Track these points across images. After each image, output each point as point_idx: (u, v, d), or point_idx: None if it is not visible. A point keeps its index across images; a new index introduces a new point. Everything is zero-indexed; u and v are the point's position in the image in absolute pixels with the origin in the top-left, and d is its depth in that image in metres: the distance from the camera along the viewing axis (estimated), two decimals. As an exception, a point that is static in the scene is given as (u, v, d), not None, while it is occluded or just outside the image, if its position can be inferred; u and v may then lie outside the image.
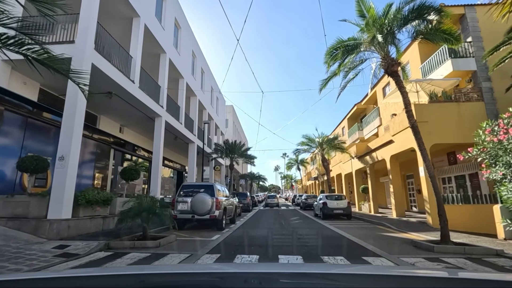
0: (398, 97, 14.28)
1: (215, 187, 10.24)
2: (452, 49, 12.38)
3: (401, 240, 8.24)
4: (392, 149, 14.19)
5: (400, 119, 13.09)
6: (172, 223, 7.57)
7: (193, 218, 9.62)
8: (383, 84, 20.03)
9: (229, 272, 1.26)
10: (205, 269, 1.48)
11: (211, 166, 25.07)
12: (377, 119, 20.78)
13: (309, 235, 9.53)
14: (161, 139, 13.57)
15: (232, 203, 12.63)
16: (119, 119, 14.32)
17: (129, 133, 15.86)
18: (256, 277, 1.04)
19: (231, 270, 1.34)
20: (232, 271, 1.28)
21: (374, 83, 10.65)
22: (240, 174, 40.58)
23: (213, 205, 9.66)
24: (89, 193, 7.86)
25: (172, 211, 9.78)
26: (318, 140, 20.61)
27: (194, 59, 20.21)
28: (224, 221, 10.48)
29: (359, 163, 19.92)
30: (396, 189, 14.29)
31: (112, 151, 14.19)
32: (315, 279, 1.08)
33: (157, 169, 13.19)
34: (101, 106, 12.31)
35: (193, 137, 19.31)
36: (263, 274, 1.12)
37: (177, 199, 9.95)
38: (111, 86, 10.22)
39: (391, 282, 1.03)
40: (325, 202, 15.27)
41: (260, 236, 9.15)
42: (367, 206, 18.29)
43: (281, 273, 1.16)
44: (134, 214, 6.97)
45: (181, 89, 16.93)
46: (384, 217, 14.45)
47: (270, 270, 1.23)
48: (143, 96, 12.04)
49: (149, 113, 13.29)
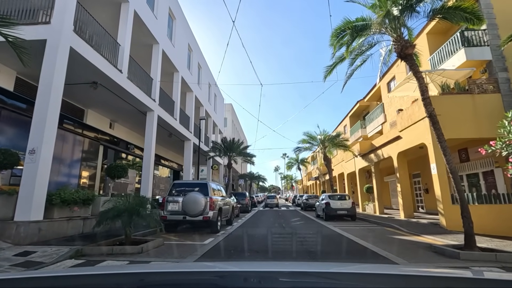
0: (406, 89, 13.47)
1: (209, 185, 9.36)
2: (465, 38, 11.53)
3: (417, 244, 7.35)
4: (400, 146, 13.31)
5: (409, 113, 12.23)
6: (158, 225, 6.69)
7: (185, 219, 8.74)
8: (387, 79, 19.17)
9: (229, 271, 1.27)
10: (205, 268, 1.49)
11: (209, 165, 24.18)
12: (381, 116, 19.91)
13: (312, 238, 8.65)
14: (153, 135, 12.69)
15: (229, 203, 11.74)
16: (108, 114, 13.44)
17: (120, 129, 14.97)
18: (255, 276, 1.04)
19: (231, 269, 1.36)
20: (232, 270, 1.31)
21: (383, 71, 9.75)
22: (239, 174, 39.68)
23: (206, 205, 8.77)
24: (66, 192, 6.98)
25: (162, 212, 8.92)
26: (319, 137, 19.70)
27: (190, 53, 19.35)
28: (219, 222, 9.60)
29: (362, 162, 19.04)
30: (404, 188, 13.41)
31: (101, 148, 13.31)
32: (315, 277, 1.08)
33: (149, 166, 12.30)
34: (88, 99, 11.44)
35: (189, 134, 18.43)
36: (262, 273, 1.12)
37: (168, 198, 9.07)
38: (96, 75, 9.35)
39: (392, 281, 1.02)
40: (328, 203, 14.39)
41: (259, 240, 8.27)
42: (371, 206, 17.40)
43: (281, 272, 1.16)
44: (113, 215, 6.10)
45: (176, 82, 16.05)
46: (391, 218, 13.56)
47: (270, 269, 1.24)
48: (133, 88, 11.16)
49: (140, 107, 12.42)
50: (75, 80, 9.62)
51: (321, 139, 19.58)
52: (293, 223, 13.30)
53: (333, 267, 1.43)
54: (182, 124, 17.36)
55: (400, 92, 13.52)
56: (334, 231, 10.04)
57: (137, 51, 13.08)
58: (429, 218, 12.86)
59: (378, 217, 14.29)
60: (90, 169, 12.48)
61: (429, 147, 10.69)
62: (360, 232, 9.63)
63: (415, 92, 13.57)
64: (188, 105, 19.21)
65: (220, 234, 9.12)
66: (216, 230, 9.19)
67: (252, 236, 9.04)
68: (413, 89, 13.31)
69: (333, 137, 19.58)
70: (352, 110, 26.56)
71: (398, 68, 17.32)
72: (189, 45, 18.76)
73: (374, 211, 16.90)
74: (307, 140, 19.79)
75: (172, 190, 9.31)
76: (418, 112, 11.41)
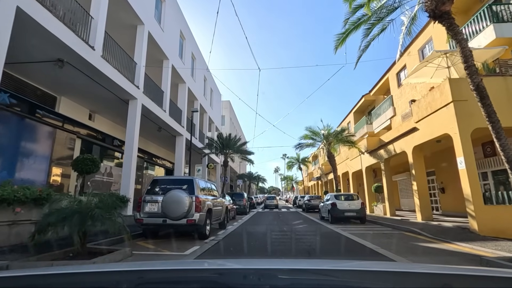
0: (423, 75, 11.91)
1: (196, 182, 7.80)
2: (494, 13, 10.02)
3: (458, 256, 5.79)
4: (416, 139, 11.76)
5: (428, 100, 10.69)
6: (123, 231, 5.14)
7: (165, 223, 7.17)
8: (397, 69, 17.65)
9: (228, 268, 1.27)
10: (204, 265, 1.49)
11: (204, 164, 22.60)
12: (390, 109, 18.38)
13: (321, 246, 7.08)
14: (135, 126, 11.15)
15: (221, 203, 10.18)
16: (87, 103, 11.89)
17: (102, 121, 13.43)
18: (255, 273, 1.03)
19: (230, 266, 1.35)
20: (231, 267, 1.31)
21: (405, 45, 8.23)
22: (237, 174, 38.10)
23: (191, 206, 7.21)
24: (5, 188, 5.42)
25: (138, 214, 7.37)
26: (323, 132, 18.10)
27: (183, 41, 17.84)
28: (208, 227, 8.05)
29: (370, 159, 17.49)
30: (421, 187, 11.84)
31: (78, 142, 11.77)
32: (314, 275, 1.09)
33: (130, 162, 10.77)
34: (59, 83, 9.91)
35: (181, 129, 16.90)
36: (262, 270, 1.10)
37: (145, 198, 7.52)
38: (61, 51, 7.83)
39: (391, 278, 1.01)
40: (334, 203, 12.83)
41: (256, 248, 6.70)
42: (380, 207, 15.83)
43: (280, 269, 1.15)
44: (57, 219, 4.54)
45: (166, 67, 14.55)
46: (406, 221, 12.00)
47: (269, 266, 1.22)
48: (111, 70, 9.64)
49: (121, 94, 10.90)
50: (37, 57, 8.11)
51: (325, 134, 17.99)
52: (296, 226, 11.73)
53: (332, 264, 1.42)
54: (173, 118, 15.84)
55: (415, 78, 12.00)
56: (345, 236, 8.49)
57: (119, 33, 11.60)
58: (450, 220, 11.29)
59: (390, 220, 12.72)
60: (63, 165, 10.91)
61: (455, 137, 9.14)
62: (376, 238, 8.08)
63: (432, 78, 12.10)
64: (181, 98, 17.69)
65: (208, 240, 7.57)
66: (204, 236, 7.64)
67: (248, 242, 7.49)
68: (431, 75, 11.82)
69: (338, 132, 18.00)
70: (357, 105, 25.04)
71: (410, 56, 15.81)
72: (181, 32, 17.25)
73: (384, 213, 15.32)
74: (309, 135, 18.19)
75: (151, 188, 7.76)
76: (440, 99, 9.88)
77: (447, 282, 0.96)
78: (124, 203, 9.89)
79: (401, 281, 0.99)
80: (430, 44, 14.14)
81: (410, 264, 3.52)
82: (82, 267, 1.31)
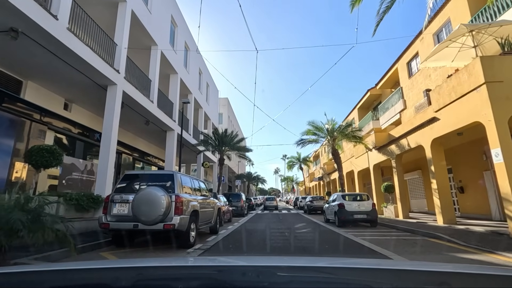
0: (443, 58, 10.40)
1: (178, 178, 6.33)
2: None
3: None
4: (435, 130, 10.30)
5: (452, 84, 9.25)
6: (67, 242, 3.69)
7: (136, 228, 5.70)
8: (408, 58, 16.22)
9: (228, 265, 1.27)
10: (203, 262, 1.51)
11: (199, 163, 21.14)
12: (399, 102, 16.95)
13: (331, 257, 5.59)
14: (114, 115, 9.72)
15: (213, 205, 8.72)
16: (60, 90, 10.43)
17: (80, 112, 11.97)
18: (254, 270, 1.04)
19: (230, 263, 1.36)
20: (230, 264, 1.31)
21: (436, 8, 6.79)
22: (236, 174, 36.62)
23: (170, 208, 5.75)
24: None
25: (103, 217, 5.90)
26: (327, 127, 16.61)
27: (174, 28, 16.42)
28: (194, 232, 6.58)
29: (378, 156, 16.04)
30: (442, 186, 10.37)
31: (50, 135, 10.32)
32: (312, 272, 1.09)
33: (107, 156, 9.33)
34: (24, 64, 8.49)
35: (172, 123, 15.47)
36: (260, 267, 1.11)
37: (113, 197, 6.05)
38: (14, 18, 6.40)
39: (388, 275, 1.01)
40: (342, 204, 11.37)
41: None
42: (391, 209, 14.36)
43: (279, 267, 1.14)
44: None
45: (154, 49, 13.13)
46: (424, 224, 10.53)
47: (268, 264, 1.23)
48: (81, 47, 8.21)
49: (97, 78, 9.48)
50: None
51: (329, 130, 16.50)
52: (299, 230, 10.27)
53: (330, 261, 1.43)
54: (164, 111, 14.41)
55: (434, 61, 10.57)
56: (361, 244, 7.02)
57: (96, 10, 10.21)
58: (476, 224, 9.83)
59: (405, 223, 11.23)
60: (31, 160, 9.43)
61: (489, 126, 7.69)
62: (400, 247, 6.63)
63: (454, 61, 10.64)
64: (172, 90, 16.27)
65: (193, 250, 6.12)
66: (187, 244, 6.18)
67: (243, 251, 6.04)
68: (452, 57, 10.34)
69: (343, 127, 16.51)
70: (362, 100, 23.62)
71: (423, 42, 14.39)
72: (172, 17, 15.84)
73: (396, 215, 13.85)
74: (312, 131, 16.68)
75: (122, 184, 6.29)
76: (467, 81, 8.44)
77: (445, 280, 0.94)
78: (97, 204, 8.46)
79: (400, 278, 0.98)
80: (447, 27, 12.72)
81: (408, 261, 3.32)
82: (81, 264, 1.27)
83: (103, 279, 0.99)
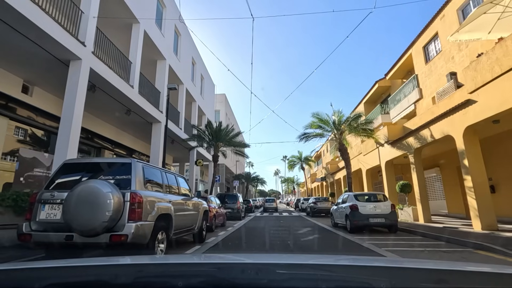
0: (478, 29, 8.62)
1: (137, 169, 4.48)
2: None
3: None
4: (471, 116, 8.48)
5: (495, 56, 7.46)
6: None
7: (70, 241, 3.87)
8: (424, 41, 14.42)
9: (227, 263, 1.27)
10: (203, 259, 1.51)
11: (192, 160, 19.31)
12: (414, 92, 15.11)
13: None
14: (77, 96, 7.91)
15: (196, 207, 6.87)
16: (14, 68, 8.63)
17: (45, 97, 10.14)
18: (253, 267, 1.04)
19: (229, 261, 1.36)
20: (230, 262, 1.31)
21: None
22: (234, 174, 34.77)
23: (120, 210, 3.93)
24: None
25: (25, 225, 4.08)
26: (334, 118, 14.75)
27: (162, 8, 14.67)
28: (163, 244, 4.75)
29: (392, 152, 14.23)
30: (479, 183, 8.51)
31: (4, 122, 8.56)
32: (311, 269, 1.07)
33: (65, 148, 7.52)
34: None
35: (159, 114, 13.70)
36: (260, 265, 1.11)
37: (41, 195, 4.22)
38: None
39: (387, 273, 1.01)
40: (355, 206, 9.54)
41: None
42: (409, 211, 12.51)
43: (278, 264, 1.14)
44: None
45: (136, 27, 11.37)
46: (455, 231, 8.68)
47: (267, 261, 1.24)
48: (32, 8, 6.42)
49: (57, 51, 7.70)
50: None
51: (336, 122, 14.66)
52: (305, 238, 8.42)
53: (329, 259, 1.45)
54: (148, 100, 12.64)
55: (468, 33, 8.73)
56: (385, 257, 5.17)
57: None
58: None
59: (430, 228, 9.39)
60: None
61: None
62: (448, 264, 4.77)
63: (491, 33, 8.81)
64: (159, 77, 14.50)
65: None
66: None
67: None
68: (489, 28, 8.49)
69: (351, 118, 14.66)
70: (369, 93, 21.75)
71: (444, 21, 12.60)
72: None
73: (415, 218, 12.00)
74: (316, 123, 14.82)
75: (57, 177, 4.46)
76: (519, 49, 6.64)
77: (443, 278, 0.94)
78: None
79: (398, 276, 0.97)
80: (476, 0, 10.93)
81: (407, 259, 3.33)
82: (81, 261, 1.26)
83: (102, 276, 0.98)
